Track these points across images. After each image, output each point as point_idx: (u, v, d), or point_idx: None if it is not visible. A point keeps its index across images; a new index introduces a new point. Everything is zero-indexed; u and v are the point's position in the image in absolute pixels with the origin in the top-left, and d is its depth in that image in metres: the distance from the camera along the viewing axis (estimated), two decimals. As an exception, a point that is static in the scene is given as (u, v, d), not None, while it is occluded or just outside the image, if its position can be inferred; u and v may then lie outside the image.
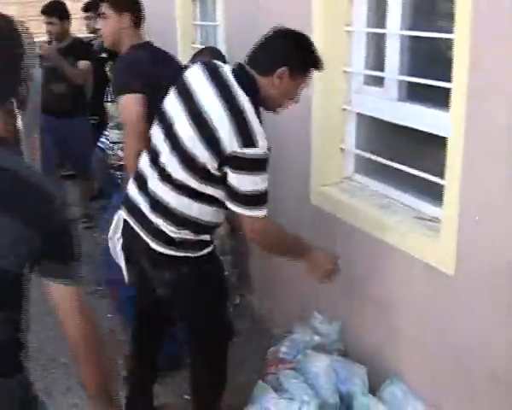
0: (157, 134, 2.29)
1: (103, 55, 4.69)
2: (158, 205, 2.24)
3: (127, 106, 2.75)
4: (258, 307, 3.83)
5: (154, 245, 2.26)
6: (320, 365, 2.59)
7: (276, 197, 2.48)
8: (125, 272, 2.54)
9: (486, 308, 2.07)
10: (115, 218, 2.54)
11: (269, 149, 2.08)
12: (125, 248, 2.48)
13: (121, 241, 2.49)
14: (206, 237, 2.31)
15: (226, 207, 2.22)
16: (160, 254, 2.26)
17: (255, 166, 2.06)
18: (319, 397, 2.49)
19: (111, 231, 2.55)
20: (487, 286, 2.05)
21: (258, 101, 2.15)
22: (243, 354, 3.29)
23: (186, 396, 2.95)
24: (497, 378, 2.04)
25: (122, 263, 2.53)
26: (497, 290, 2.02)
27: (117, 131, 3.27)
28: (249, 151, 2.03)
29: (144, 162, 2.35)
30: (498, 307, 2.02)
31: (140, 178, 2.35)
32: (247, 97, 2.11)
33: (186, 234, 2.24)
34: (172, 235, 2.23)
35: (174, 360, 3.14)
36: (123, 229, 2.46)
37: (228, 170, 2.08)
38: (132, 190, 2.39)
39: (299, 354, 2.73)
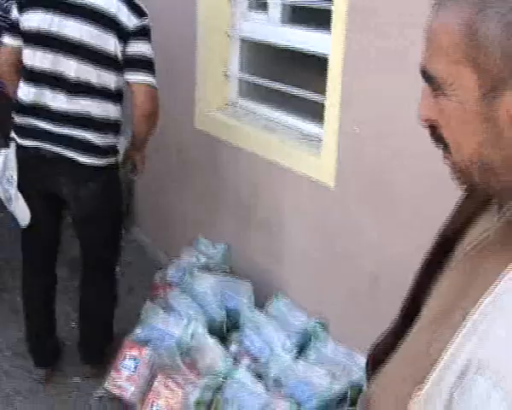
0: (43, 58, 2.28)
1: None
2: (78, 119, 2.32)
3: None
4: (143, 239, 3.82)
5: (81, 158, 2.34)
6: (206, 284, 2.64)
7: (161, 122, 2.47)
8: (24, 212, 2.46)
9: (366, 218, 2.18)
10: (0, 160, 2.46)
11: None
12: (27, 182, 2.43)
13: (16, 178, 2.42)
14: (117, 142, 2.47)
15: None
16: (86, 166, 2.35)
17: (149, 34, 2.32)
18: (207, 315, 2.55)
19: None
20: (366, 196, 2.16)
21: None
22: (130, 282, 3.29)
23: (73, 324, 2.92)
24: (376, 283, 2.18)
25: (19, 202, 2.46)
26: (375, 199, 2.13)
27: None
28: (145, 21, 2.29)
29: (32, 94, 2.33)
30: (377, 216, 2.13)
31: (33, 109, 2.34)
32: None
33: (108, 138, 2.39)
34: (98, 142, 2.35)
35: None
36: (23, 162, 2.40)
37: (130, 42, 2.26)
38: (28, 120, 2.35)
39: (186, 276, 2.76)
